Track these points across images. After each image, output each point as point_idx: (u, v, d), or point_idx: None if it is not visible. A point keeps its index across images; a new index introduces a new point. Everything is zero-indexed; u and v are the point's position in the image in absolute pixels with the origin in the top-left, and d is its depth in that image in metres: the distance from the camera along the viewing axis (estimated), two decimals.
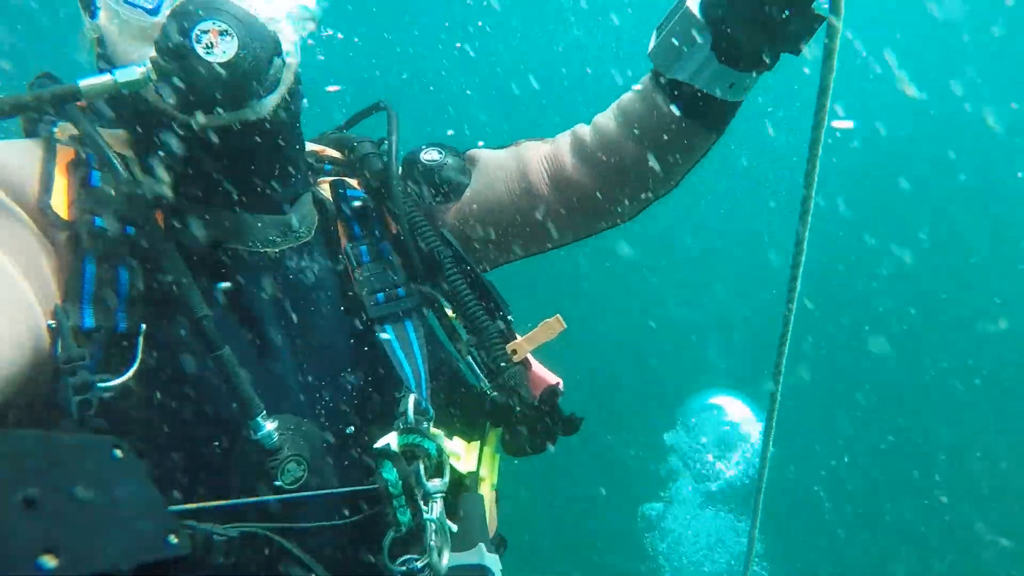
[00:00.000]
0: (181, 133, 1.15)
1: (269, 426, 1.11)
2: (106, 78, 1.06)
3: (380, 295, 1.31)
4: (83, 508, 0.67)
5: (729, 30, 1.21)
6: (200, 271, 1.17)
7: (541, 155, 1.52)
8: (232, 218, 1.22)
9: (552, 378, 1.37)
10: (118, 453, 0.75)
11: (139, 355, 1.07)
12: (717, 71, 1.27)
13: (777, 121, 8.96)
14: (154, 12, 1.12)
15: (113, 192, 1.13)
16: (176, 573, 0.75)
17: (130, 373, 1.06)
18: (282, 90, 1.20)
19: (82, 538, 0.66)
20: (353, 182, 1.45)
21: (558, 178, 1.48)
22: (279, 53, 1.15)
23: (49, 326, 1.03)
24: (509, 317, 1.36)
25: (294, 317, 1.24)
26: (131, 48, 1.14)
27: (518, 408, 1.28)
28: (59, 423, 1.02)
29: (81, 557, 0.65)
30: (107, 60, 1.20)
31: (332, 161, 1.49)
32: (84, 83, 1.06)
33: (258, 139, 1.19)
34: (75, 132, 1.17)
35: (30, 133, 1.21)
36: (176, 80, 1.07)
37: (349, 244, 1.35)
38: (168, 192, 1.17)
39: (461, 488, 1.29)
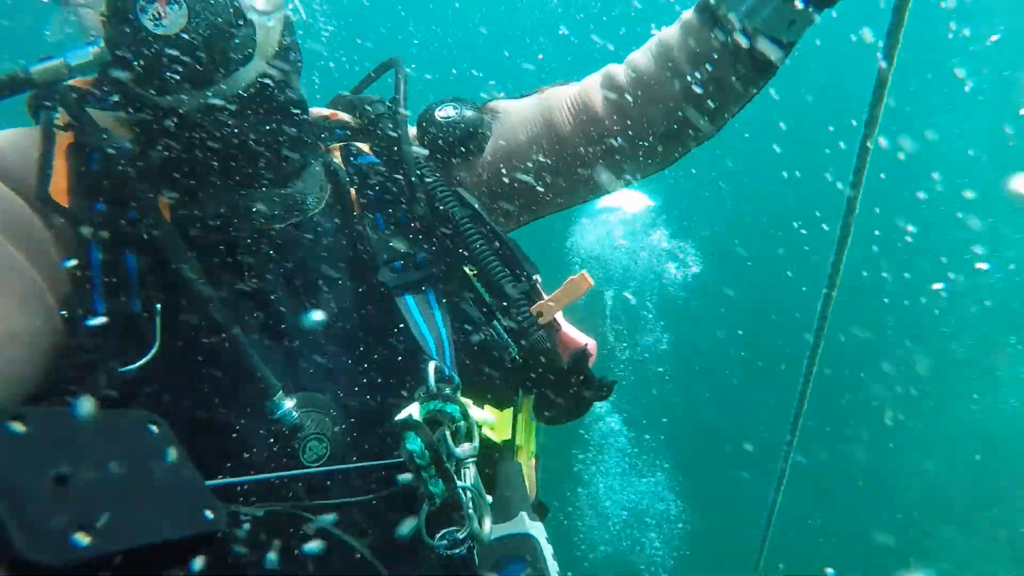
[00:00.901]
0: (162, 114, 1.11)
1: (288, 404, 1.09)
2: (58, 62, 1.03)
3: (398, 263, 1.26)
4: (118, 484, 0.66)
5: None
6: (206, 252, 1.13)
7: (566, 96, 1.42)
8: (233, 196, 1.17)
9: (583, 339, 1.32)
10: (153, 428, 0.73)
11: (158, 337, 1.05)
12: (777, 7, 1.18)
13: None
14: None
15: (111, 175, 1.09)
16: (208, 549, 0.73)
17: (150, 355, 1.04)
18: (261, 57, 1.13)
19: (116, 514, 0.65)
20: (364, 146, 1.38)
21: (585, 119, 1.39)
22: (242, 17, 1.07)
23: (61, 315, 1.02)
24: (536, 277, 1.29)
25: (306, 293, 1.20)
26: (93, 26, 1.09)
27: (544, 372, 1.23)
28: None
29: (115, 533, 0.64)
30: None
31: (344, 126, 1.41)
32: (36, 68, 1.03)
33: (247, 114, 1.14)
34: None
35: (33, 120, 1.18)
36: (128, 58, 1.01)
37: (364, 212, 1.30)
38: (167, 174, 1.14)
39: (497, 458, 1.24)
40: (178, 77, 1.03)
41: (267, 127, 1.18)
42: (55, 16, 1.19)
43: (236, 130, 1.14)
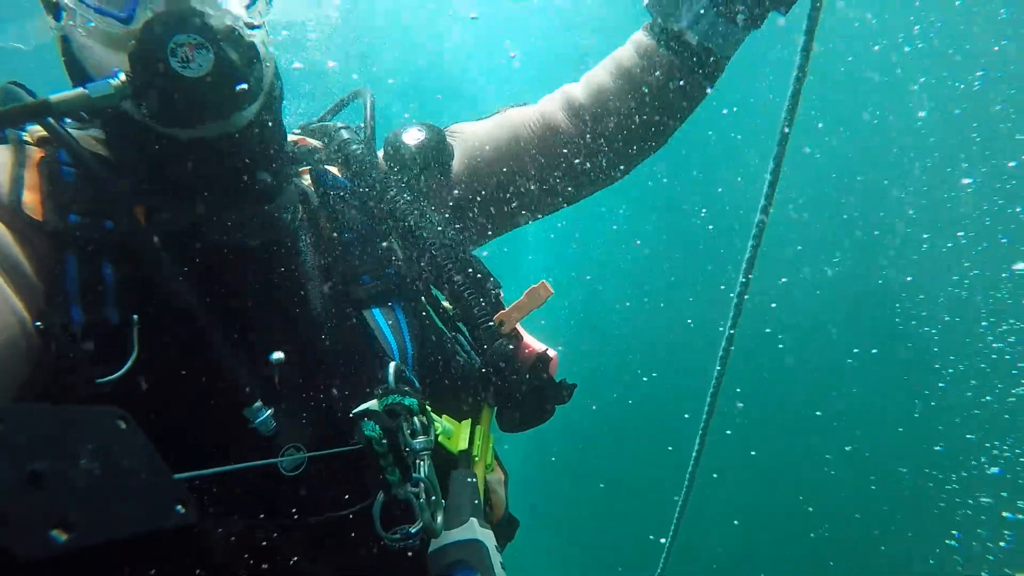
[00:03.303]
0: (159, 140, 1.14)
1: (265, 413, 1.11)
2: (79, 92, 1.05)
3: (366, 277, 1.30)
4: (90, 479, 0.68)
5: None
6: (182, 264, 1.15)
7: (529, 116, 1.54)
8: (213, 212, 1.19)
9: (543, 347, 1.36)
10: (122, 424, 0.75)
11: (135, 347, 1.06)
12: (713, 22, 1.37)
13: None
14: (127, 21, 1.09)
15: (86, 188, 1.11)
16: (182, 544, 0.75)
17: (128, 365, 1.05)
18: (263, 94, 1.19)
19: (90, 509, 0.66)
20: (334, 170, 1.43)
21: (548, 137, 1.51)
22: (258, 58, 1.13)
23: (37, 327, 1.02)
24: (498, 291, 1.34)
25: (280, 306, 1.23)
26: (102, 55, 1.13)
27: (505, 378, 1.26)
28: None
29: (91, 527, 0.65)
30: (73, 62, 1.18)
31: (313, 151, 1.47)
32: (55, 98, 1.05)
33: (240, 144, 1.18)
34: (44, 134, 1.15)
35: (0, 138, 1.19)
36: (152, 96, 1.06)
37: (333, 231, 1.33)
38: (145, 188, 1.16)
39: (452, 467, 1.26)
40: (197, 116, 1.09)
41: (256, 154, 1.22)
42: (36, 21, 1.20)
43: (224, 156, 1.17)
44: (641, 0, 1.44)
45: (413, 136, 1.46)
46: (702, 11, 1.37)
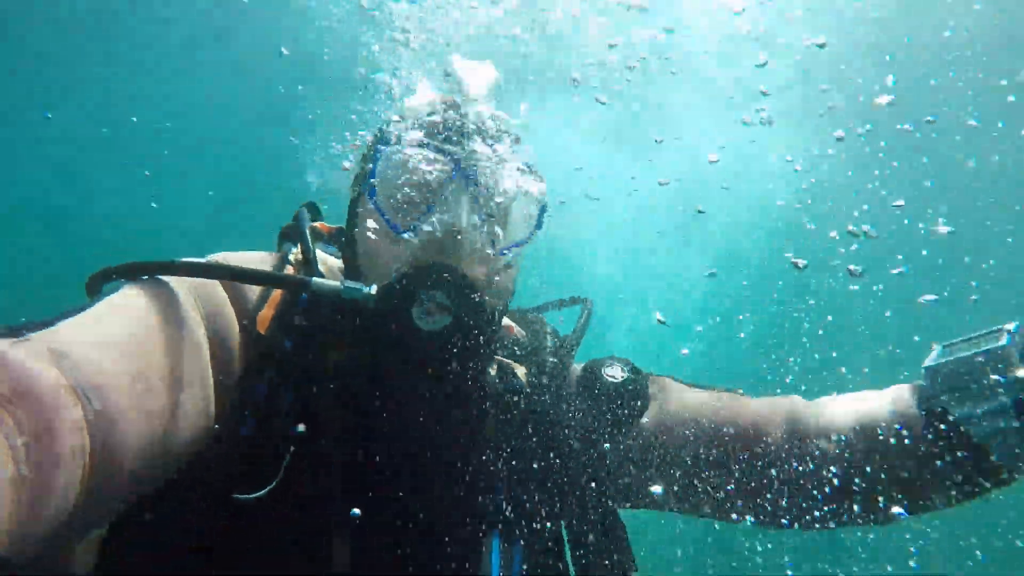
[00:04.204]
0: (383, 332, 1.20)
1: None
2: (335, 286, 1.16)
3: (502, 498, 1.25)
4: None
5: None
6: (352, 416, 1.19)
7: (743, 412, 1.39)
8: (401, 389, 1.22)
9: None
10: None
11: (280, 475, 1.10)
12: (1014, 429, 1.10)
13: None
14: (402, 232, 1.20)
15: (309, 320, 1.20)
16: None
17: (265, 491, 1.09)
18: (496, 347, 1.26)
19: None
20: (521, 371, 1.41)
21: (752, 452, 1.33)
22: (492, 324, 1.22)
23: (215, 427, 1.10)
24: (634, 573, 1.26)
25: (414, 490, 1.21)
26: (374, 243, 1.23)
27: None
28: (186, 515, 1.08)
29: None
30: (353, 222, 1.30)
31: (513, 343, 1.46)
32: (316, 281, 1.15)
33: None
34: (301, 257, 1.27)
35: (277, 247, 1.34)
36: (390, 342, 1.17)
37: (496, 432, 1.31)
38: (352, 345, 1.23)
39: None
40: (422, 360, 1.18)
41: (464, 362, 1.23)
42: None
43: (430, 362, 1.21)
44: None
45: (615, 374, 1.42)
46: (996, 410, 1.11)
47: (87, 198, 14.24)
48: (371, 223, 1.24)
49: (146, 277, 1.10)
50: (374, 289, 1.16)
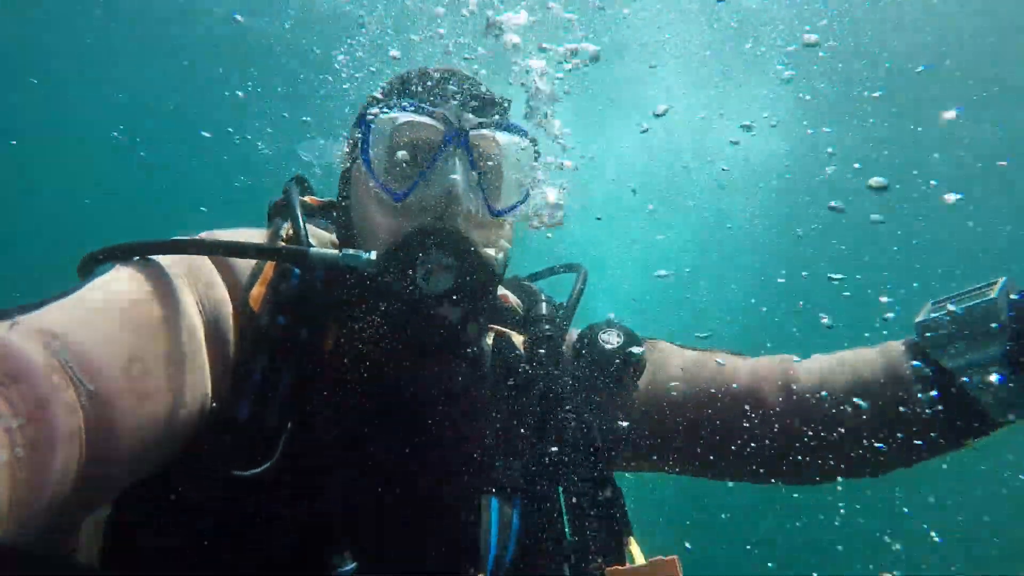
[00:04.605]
0: (378, 295, 1.20)
1: (349, 563, 1.12)
2: (334, 253, 1.15)
3: (499, 463, 1.26)
4: None
5: None
6: (352, 391, 1.20)
7: (737, 374, 1.39)
8: (397, 357, 1.22)
9: None
10: None
11: (279, 452, 1.11)
12: (1004, 379, 1.13)
13: None
14: (399, 198, 1.19)
15: (303, 295, 1.19)
16: None
17: (264, 467, 1.10)
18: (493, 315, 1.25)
19: None
20: (518, 339, 1.41)
21: (749, 411, 1.36)
22: (493, 285, 1.22)
23: (213, 407, 1.10)
24: (629, 536, 1.26)
25: (415, 464, 1.22)
26: (372, 209, 1.22)
27: None
28: (189, 493, 1.09)
29: None
30: (347, 192, 1.29)
31: (509, 311, 1.46)
32: (314, 251, 1.15)
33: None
34: (292, 233, 1.25)
35: (268, 223, 1.32)
36: (390, 306, 1.16)
37: (491, 402, 1.32)
38: (348, 314, 1.22)
39: None
40: (422, 323, 1.17)
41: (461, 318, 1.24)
42: (310, 143, 1.35)
43: (435, 322, 1.20)
44: None
45: (611, 339, 1.41)
46: (990, 359, 1.15)
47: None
48: (366, 191, 1.24)
49: (137, 258, 1.09)
50: (374, 255, 1.16)
